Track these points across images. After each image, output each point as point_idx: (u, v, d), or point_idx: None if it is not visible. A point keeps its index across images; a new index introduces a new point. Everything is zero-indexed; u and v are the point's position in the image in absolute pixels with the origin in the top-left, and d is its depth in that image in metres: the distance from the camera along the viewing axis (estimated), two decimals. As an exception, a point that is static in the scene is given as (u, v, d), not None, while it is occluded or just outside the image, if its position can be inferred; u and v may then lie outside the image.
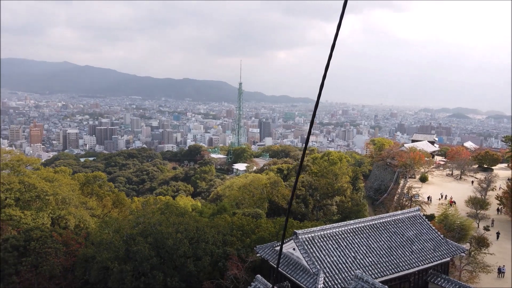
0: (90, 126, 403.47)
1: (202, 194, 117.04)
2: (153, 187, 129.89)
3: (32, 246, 29.26)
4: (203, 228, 33.68)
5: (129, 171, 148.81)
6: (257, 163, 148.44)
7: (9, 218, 36.12)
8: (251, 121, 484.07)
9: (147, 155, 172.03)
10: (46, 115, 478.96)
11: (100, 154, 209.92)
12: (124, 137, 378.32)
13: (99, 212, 49.05)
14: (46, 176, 45.05)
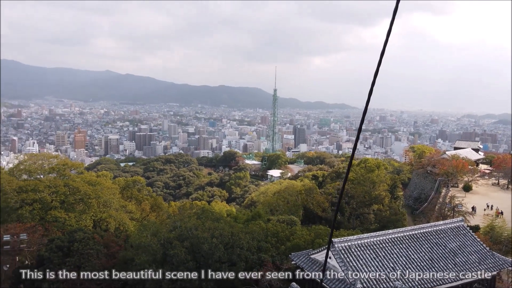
0: (130, 132, 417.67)
1: (236, 200, 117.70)
2: (189, 192, 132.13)
3: (75, 247, 30.56)
4: (238, 233, 33.83)
5: (166, 176, 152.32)
6: (291, 170, 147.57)
7: (55, 219, 37.97)
8: (286, 127, 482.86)
9: (183, 160, 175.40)
10: (89, 121, 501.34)
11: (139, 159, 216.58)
12: (162, 143, 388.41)
13: (137, 216, 50.51)
14: (89, 180, 47.03)
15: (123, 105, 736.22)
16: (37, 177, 47.56)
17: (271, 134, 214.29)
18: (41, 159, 52.94)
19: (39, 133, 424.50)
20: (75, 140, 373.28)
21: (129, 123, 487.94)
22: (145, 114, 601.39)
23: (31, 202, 38.78)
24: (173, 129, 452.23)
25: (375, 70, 3.85)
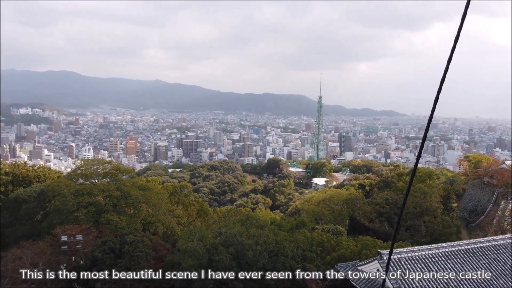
0: (178, 139, 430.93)
1: (280, 207, 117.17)
2: (234, 199, 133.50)
3: (126, 249, 31.84)
4: (282, 241, 33.60)
5: (211, 182, 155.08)
6: (337, 178, 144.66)
7: (108, 222, 39.84)
8: (331, 135, 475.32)
9: (228, 167, 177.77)
10: (140, 129, 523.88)
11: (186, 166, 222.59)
12: (207, 150, 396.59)
13: (184, 221, 51.74)
14: (139, 185, 48.90)
15: (172, 113, 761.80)
16: (92, 181, 50.15)
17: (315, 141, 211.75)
18: (96, 164, 55.83)
19: (94, 140, 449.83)
20: (126, 147, 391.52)
21: (177, 130, 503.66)
22: (192, 122, 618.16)
23: (86, 205, 40.98)
24: (219, 136, 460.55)
25: (442, 76, 3.68)
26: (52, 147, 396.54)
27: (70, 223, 37.73)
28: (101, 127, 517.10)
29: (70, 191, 42.30)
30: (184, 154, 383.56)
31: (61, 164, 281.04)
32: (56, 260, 33.47)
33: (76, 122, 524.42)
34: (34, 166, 61.17)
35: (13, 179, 52.98)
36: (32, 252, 32.87)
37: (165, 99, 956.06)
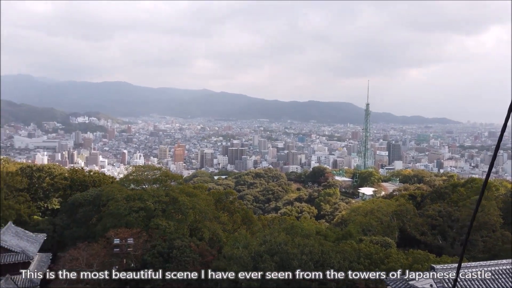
0: (223, 147, 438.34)
1: (326, 217, 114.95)
2: (278, 207, 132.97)
3: (174, 254, 32.70)
4: (328, 252, 32.91)
5: (256, 190, 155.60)
6: (385, 188, 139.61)
7: (157, 226, 41.12)
8: (379, 143, 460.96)
9: (272, 175, 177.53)
10: (187, 136, 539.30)
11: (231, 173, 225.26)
12: (252, 158, 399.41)
13: (229, 227, 52.24)
14: (187, 191, 50.15)
15: (218, 121, 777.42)
16: (143, 187, 52.19)
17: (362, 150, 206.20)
18: (147, 170, 58.08)
19: (145, 147, 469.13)
20: (175, 154, 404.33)
21: (222, 138, 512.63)
22: (237, 130, 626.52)
23: (137, 210, 42.64)
24: (263, 144, 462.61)
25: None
26: (107, 153, 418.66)
27: (122, 226, 39.43)
28: (151, 134, 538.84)
29: (123, 196, 44.25)
30: (229, 162, 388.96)
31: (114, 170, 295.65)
32: (109, 262, 35.04)
33: (129, 130, 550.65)
34: (90, 171, 64.85)
35: (71, 183, 56.40)
36: (87, 253, 34.70)
37: (211, 108, 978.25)
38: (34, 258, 35.20)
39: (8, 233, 35.45)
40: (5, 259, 32.77)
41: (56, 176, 55.65)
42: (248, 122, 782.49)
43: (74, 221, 46.46)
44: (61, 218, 47.15)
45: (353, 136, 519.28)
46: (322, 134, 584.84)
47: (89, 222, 46.01)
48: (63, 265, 33.73)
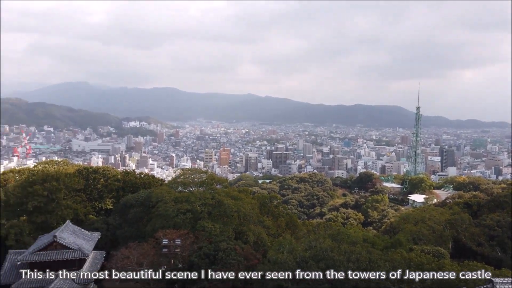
0: (268, 151, 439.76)
1: (373, 224, 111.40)
2: (323, 212, 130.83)
3: (220, 256, 33.16)
4: (377, 260, 31.83)
5: (300, 194, 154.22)
6: (437, 195, 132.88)
7: (203, 228, 41.90)
8: (431, 148, 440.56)
9: (317, 180, 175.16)
10: (232, 140, 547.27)
11: (275, 177, 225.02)
12: (296, 162, 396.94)
13: (274, 232, 52.12)
14: (232, 195, 50.74)
15: (262, 125, 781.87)
16: (190, 189, 53.52)
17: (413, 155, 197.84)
18: (194, 173, 59.48)
19: (192, 151, 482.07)
20: (220, 158, 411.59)
21: (267, 142, 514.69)
22: (281, 134, 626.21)
23: (185, 212, 43.75)
24: (308, 149, 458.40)
25: None
26: (156, 157, 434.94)
27: (170, 227, 40.64)
28: (198, 138, 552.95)
29: (171, 198, 45.63)
30: (273, 166, 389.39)
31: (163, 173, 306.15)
32: (158, 262, 36.19)
33: (177, 134, 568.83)
34: (141, 174, 67.53)
35: (124, 185, 59.04)
36: (137, 252, 36.10)
37: (256, 112, 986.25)
38: (89, 255, 37.18)
39: (66, 231, 37.74)
40: (63, 255, 34.89)
41: (109, 178, 58.51)
42: (293, 126, 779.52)
43: (126, 221, 48.52)
44: (114, 218, 49.44)
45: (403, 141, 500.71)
46: (369, 139, 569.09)
47: (139, 222, 47.81)
48: (115, 263, 35.32)
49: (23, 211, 46.69)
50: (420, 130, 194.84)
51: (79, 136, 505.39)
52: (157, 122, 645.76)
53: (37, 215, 46.42)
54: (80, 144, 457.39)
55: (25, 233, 44.91)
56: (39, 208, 46.56)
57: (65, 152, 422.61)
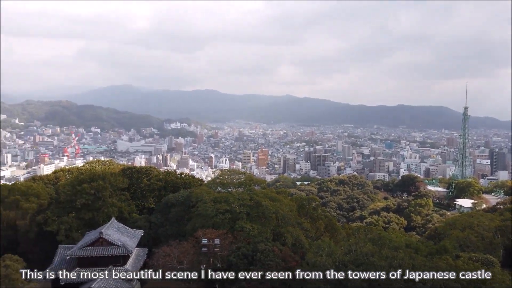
0: (306, 153, 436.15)
1: (416, 229, 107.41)
2: (363, 216, 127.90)
3: (258, 257, 33.25)
4: (420, 267, 30.65)
5: (339, 197, 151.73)
6: (487, 201, 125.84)
7: (241, 229, 42.23)
8: (479, 150, 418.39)
9: (357, 182, 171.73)
10: (270, 142, 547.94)
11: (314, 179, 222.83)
12: (335, 164, 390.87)
13: (312, 234, 51.54)
14: (270, 196, 50.70)
15: (300, 127, 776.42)
16: (228, 190, 54.16)
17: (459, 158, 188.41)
18: (232, 174, 60.15)
19: (230, 152, 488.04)
20: (258, 159, 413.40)
21: (305, 144, 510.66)
22: (320, 135, 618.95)
23: (223, 212, 44.31)
24: (347, 150, 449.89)
25: None
26: (196, 157, 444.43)
27: (209, 227, 41.33)
28: (236, 140, 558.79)
29: (210, 198, 46.39)
30: (312, 167, 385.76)
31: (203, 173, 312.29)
32: (197, 261, 36.93)
33: (216, 136, 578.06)
34: (182, 174, 69.21)
35: (165, 185, 60.76)
36: (178, 250, 37.03)
37: (294, 113, 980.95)
38: (133, 252, 38.63)
39: (112, 228, 39.44)
40: (108, 251, 36.49)
41: (152, 177, 60.45)
42: (332, 127, 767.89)
43: (167, 219, 49.90)
44: (156, 217, 51.01)
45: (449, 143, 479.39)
46: (413, 140, 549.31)
47: (180, 221, 48.97)
48: (157, 260, 36.44)
49: (72, 208, 49.29)
50: (468, 132, 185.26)
51: (123, 137, 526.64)
52: (197, 124, 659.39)
53: (84, 212, 48.89)
54: (124, 145, 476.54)
55: (74, 229, 47.43)
56: (86, 205, 49.01)
57: (111, 152, 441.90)
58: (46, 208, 50.28)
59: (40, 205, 50.16)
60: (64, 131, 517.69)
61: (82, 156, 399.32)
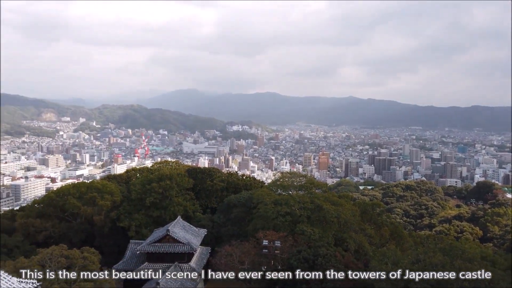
0: (370, 156, 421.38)
1: (493, 240, 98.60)
2: (432, 224, 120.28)
3: (319, 262, 32.69)
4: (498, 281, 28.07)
5: (406, 203, 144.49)
6: None
7: (302, 232, 41.87)
8: None
9: (426, 188, 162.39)
10: (332, 144, 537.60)
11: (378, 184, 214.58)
12: (402, 168, 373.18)
13: (376, 241, 49.59)
14: (331, 200, 49.78)
15: (364, 129, 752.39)
16: (289, 192, 54.08)
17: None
18: (293, 177, 60.02)
19: (291, 154, 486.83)
20: (319, 162, 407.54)
21: (368, 147, 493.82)
22: (385, 138, 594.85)
23: (284, 214, 44.30)
24: (415, 154, 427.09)
25: None
26: (256, 159, 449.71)
27: (270, 229, 41.52)
28: (296, 142, 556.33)
29: (271, 200, 46.64)
30: (376, 172, 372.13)
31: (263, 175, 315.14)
32: (258, 261, 37.24)
33: (276, 138, 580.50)
34: (243, 175, 70.47)
35: (227, 186, 62.27)
36: (239, 251, 37.66)
37: (357, 115, 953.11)
38: (197, 250, 40.01)
39: (177, 226, 41.21)
40: (174, 248, 38.16)
41: (215, 178, 62.24)
42: (398, 130, 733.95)
43: (229, 220, 51.04)
44: (218, 216, 52.43)
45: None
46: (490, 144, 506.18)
47: (241, 222, 49.84)
48: (219, 259, 37.38)
49: (142, 206, 52.38)
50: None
51: (188, 139, 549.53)
52: (257, 126, 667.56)
53: (153, 210, 51.71)
54: (189, 146, 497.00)
55: (143, 226, 50.35)
56: (155, 203, 51.79)
57: (177, 153, 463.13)
58: (118, 205, 53.93)
59: (114, 202, 53.93)
60: (135, 133, 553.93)
61: (151, 157, 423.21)
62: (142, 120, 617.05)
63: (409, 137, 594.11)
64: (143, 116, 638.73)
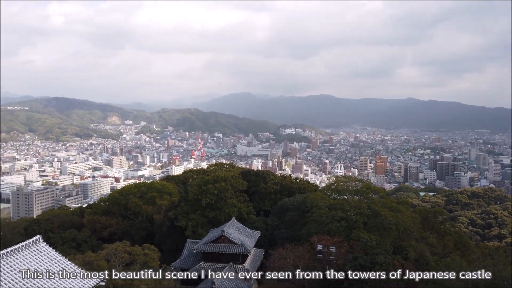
0: (431, 161, 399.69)
1: None
2: (502, 235, 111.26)
3: (376, 270, 31.45)
4: None
5: (472, 212, 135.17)
6: None
7: (358, 238, 40.64)
8: None
9: (495, 196, 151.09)
10: (389, 148, 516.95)
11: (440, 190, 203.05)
12: (467, 174, 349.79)
13: (439, 251, 46.81)
14: (389, 206, 47.78)
15: (424, 132, 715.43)
16: (344, 197, 52.69)
17: None
18: (348, 181, 58.34)
19: (345, 158, 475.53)
20: (376, 166, 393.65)
21: (430, 151, 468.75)
22: (448, 142, 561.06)
23: (339, 219, 43.26)
24: (482, 159, 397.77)
25: None
26: (310, 163, 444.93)
27: (324, 234, 40.75)
28: (352, 145, 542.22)
29: (325, 204, 45.77)
30: (438, 177, 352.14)
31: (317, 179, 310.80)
32: (312, 266, 36.66)
33: (330, 141, 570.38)
34: (296, 179, 69.99)
35: (281, 188, 62.21)
36: (293, 254, 37.35)
37: (417, 118, 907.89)
38: (251, 251, 40.32)
39: (232, 227, 41.84)
40: (229, 249, 38.74)
41: (268, 181, 62.47)
42: (463, 133, 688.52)
43: (282, 223, 50.91)
44: (272, 219, 52.50)
45: None
46: None
47: (295, 225, 49.47)
48: (273, 261, 37.37)
49: (198, 206, 53.91)
50: None
51: (242, 141, 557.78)
52: (311, 129, 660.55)
53: (208, 210, 53.03)
54: (243, 149, 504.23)
55: (199, 226, 51.78)
56: (210, 204, 53.08)
57: (231, 155, 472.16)
58: (176, 205, 56.03)
59: (172, 202, 56.11)
60: (192, 136, 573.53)
61: (206, 159, 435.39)
62: (198, 123, 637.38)
63: (476, 141, 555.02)
64: (199, 119, 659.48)
